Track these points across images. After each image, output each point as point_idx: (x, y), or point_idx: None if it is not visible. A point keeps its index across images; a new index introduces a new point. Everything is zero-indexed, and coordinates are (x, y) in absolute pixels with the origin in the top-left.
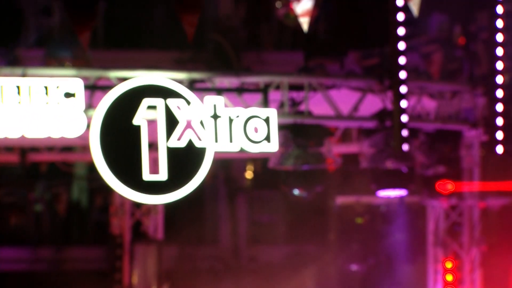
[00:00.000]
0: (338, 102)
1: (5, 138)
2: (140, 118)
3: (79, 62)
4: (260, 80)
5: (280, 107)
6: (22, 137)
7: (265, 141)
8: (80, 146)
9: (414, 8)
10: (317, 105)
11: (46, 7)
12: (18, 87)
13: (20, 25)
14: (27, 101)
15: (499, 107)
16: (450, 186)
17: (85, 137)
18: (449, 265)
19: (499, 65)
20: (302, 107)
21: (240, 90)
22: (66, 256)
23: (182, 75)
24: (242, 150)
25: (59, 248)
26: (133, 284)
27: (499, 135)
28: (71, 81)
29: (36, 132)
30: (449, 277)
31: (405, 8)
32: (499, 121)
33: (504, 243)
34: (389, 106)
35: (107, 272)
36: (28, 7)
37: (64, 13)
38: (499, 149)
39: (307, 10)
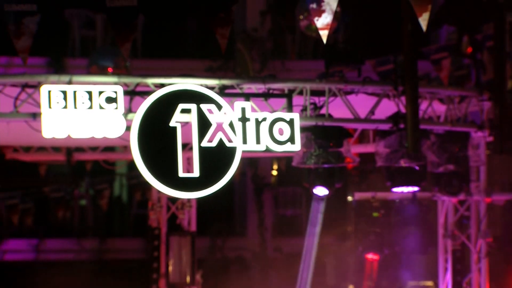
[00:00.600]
0: (356, 106)
1: (53, 139)
2: (175, 121)
3: (119, 70)
4: (284, 86)
5: (303, 110)
6: (68, 137)
7: (289, 142)
8: (121, 146)
9: (423, 23)
10: (337, 109)
11: (90, 21)
12: (64, 92)
13: (67, 36)
14: (72, 105)
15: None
16: None
17: (125, 137)
18: (457, 255)
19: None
20: (323, 111)
21: (266, 95)
22: (108, 246)
23: (213, 82)
24: (268, 150)
25: (102, 240)
26: (169, 272)
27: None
28: (112, 87)
29: (80, 133)
30: (458, 266)
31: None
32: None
33: (508, 235)
34: (403, 109)
35: (145, 261)
36: (74, 20)
37: (106, 26)
38: (503, 149)
39: (326, 24)
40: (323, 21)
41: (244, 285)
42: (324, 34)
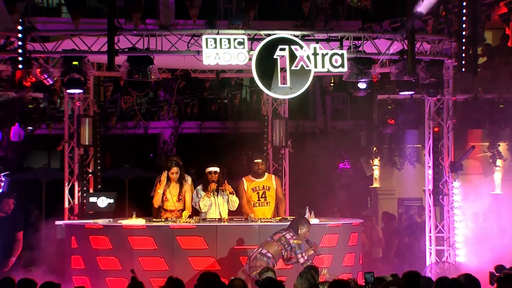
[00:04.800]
0: (379, 45)
1: (208, 65)
2: (276, 55)
3: (245, 27)
4: (338, 35)
5: (349, 48)
6: (217, 64)
7: (341, 67)
8: (246, 69)
9: None
10: (368, 47)
11: None
12: (215, 39)
13: (216, 8)
14: (219, 46)
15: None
16: None
17: (248, 65)
18: (436, 129)
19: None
20: (360, 49)
21: (328, 40)
22: (241, 126)
23: (298, 33)
24: (328, 71)
25: (236, 122)
26: (273, 140)
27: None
28: (241, 36)
29: (224, 62)
30: (436, 135)
31: None
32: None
33: (465, 118)
34: (405, 47)
35: (260, 134)
36: None
37: (238, 2)
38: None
39: None
40: None
41: (315, 147)
42: (367, 3)
